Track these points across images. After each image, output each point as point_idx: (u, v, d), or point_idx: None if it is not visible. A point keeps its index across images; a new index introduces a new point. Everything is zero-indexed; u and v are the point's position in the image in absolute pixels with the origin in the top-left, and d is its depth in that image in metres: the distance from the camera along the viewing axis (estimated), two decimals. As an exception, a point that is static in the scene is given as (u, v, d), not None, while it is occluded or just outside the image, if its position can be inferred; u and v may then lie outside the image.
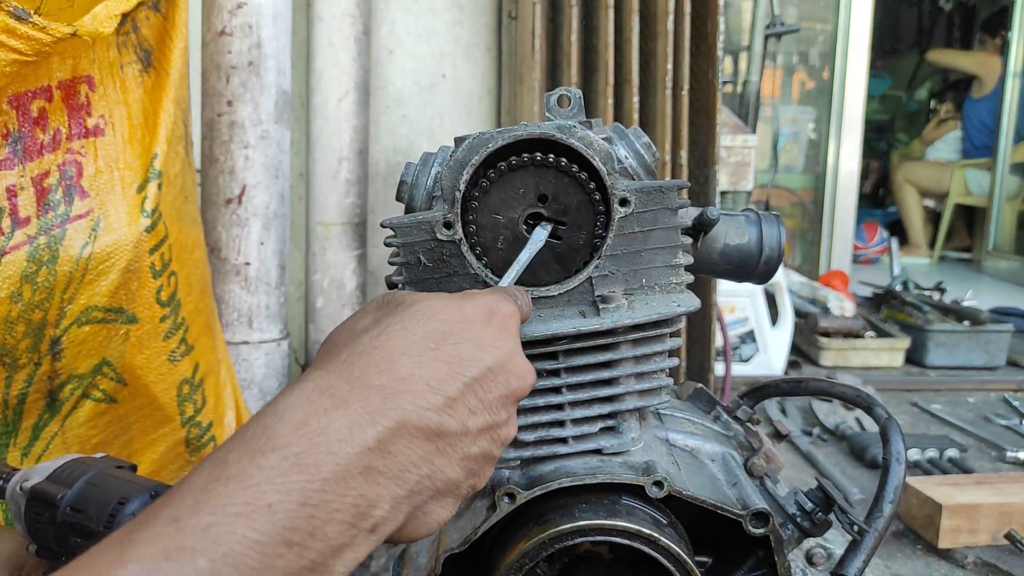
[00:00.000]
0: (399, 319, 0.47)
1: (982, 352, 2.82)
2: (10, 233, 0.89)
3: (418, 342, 0.46)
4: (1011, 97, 4.78)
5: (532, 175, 0.65)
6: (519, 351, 0.51)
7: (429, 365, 0.45)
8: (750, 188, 2.41)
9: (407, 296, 0.50)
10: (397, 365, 0.44)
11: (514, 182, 0.65)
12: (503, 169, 0.65)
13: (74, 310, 0.98)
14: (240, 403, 1.45)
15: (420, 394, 0.44)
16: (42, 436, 1.04)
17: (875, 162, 6.59)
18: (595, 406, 0.70)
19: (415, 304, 0.49)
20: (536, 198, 0.66)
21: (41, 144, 0.91)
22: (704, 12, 1.84)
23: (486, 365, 0.48)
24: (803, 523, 0.77)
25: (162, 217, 1.09)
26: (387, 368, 0.44)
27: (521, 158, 0.64)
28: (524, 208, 0.66)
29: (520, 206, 0.66)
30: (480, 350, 0.48)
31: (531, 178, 0.65)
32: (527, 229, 0.66)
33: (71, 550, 0.71)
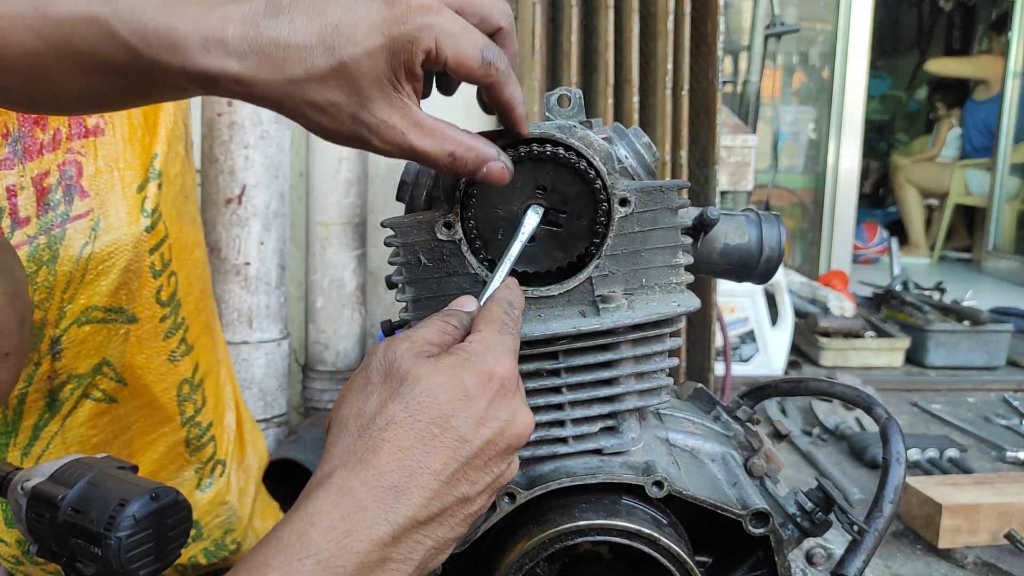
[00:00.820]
0: (404, 406, 0.51)
1: (982, 352, 2.82)
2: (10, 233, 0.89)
3: (424, 430, 0.50)
4: (1011, 97, 4.78)
5: (530, 168, 0.65)
6: (519, 407, 0.55)
7: (434, 454, 0.50)
8: (750, 188, 2.41)
9: (410, 371, 0.52)
10: (407, 459, 0.50)
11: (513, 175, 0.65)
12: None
13: (74, 310, 0.98)
14: (240, 403, 1.45)
15: (426, 486, 0.50)
16: (42, 436, 1.04)
17: (875, 162, 6.59)
18: (595, 406, 0.70)
19: (417, 384, 0.52)
20: (535, 189, 0.66)
21: (41, 144, 0.91)
22: (704, 12, 1.84)
23: (485, 439, 0.52)
24: (803, 523, 0.77)
25: (162, 217, 1.09)
26: (397, 464, 0.50)
27: (518, 152, 0.64)
28: (523, 200, 0.66)
29: (519, 198, 0.66)
30: (479, 426, 0.52)
31: (529, 171, 0.65)
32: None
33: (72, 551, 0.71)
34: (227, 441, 1.34)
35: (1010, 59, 4.80)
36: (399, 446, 0.50)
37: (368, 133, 0.54)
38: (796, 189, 4.42)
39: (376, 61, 0.52)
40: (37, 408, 1.01)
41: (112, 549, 0.69)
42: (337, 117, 0.54)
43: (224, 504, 1.32)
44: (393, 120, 0.54)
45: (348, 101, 0.53)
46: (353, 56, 0.51)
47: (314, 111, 0.54)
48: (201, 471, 1.28)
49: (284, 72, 0.52)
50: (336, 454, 0.51)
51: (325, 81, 0.52)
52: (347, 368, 2.09)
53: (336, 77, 0.52)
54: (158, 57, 0.51)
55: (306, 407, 2.11)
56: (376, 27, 0.52)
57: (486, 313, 0.58)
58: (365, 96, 0.53)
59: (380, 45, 0.52)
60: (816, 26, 4.38)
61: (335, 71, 0.52)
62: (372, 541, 0.47)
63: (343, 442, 0.52)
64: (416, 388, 0.51)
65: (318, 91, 0.53)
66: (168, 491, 0.73)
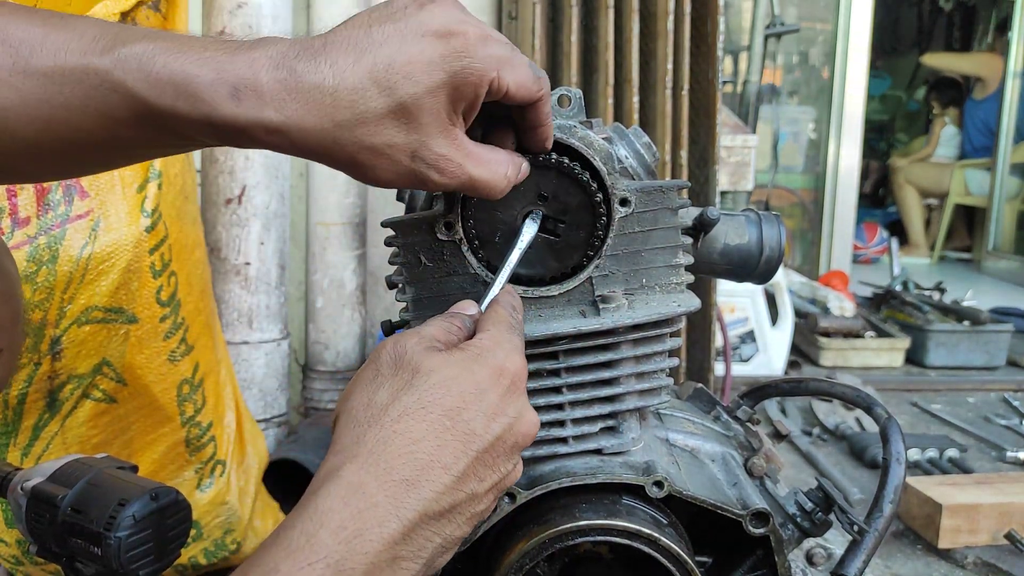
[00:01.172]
0: (417, 398, 0.50)
1: (982, 352, 2.82)
2: (10, 233, 0.89)
3: (436, 422, 0.50)
4: (1011, 97, 4.78)
5: (533, 175, 0.65)
6: (526, 405, 0.55)
7: (446, 447, 0.50)
8: (750, 188, 2.41)
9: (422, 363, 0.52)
10: (418, 451, 0.49)
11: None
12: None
13: (74, 310, 0.98)
14: (240, 403, 1.45)
15: (437, 480, 0.49)
16: (42, 436, 1.04)
17: (875, 162, 6.59)
18: (595, 406, 0.70)
19: (430, 376, 0.51)
20: (536, 197, 0.66)
21: (41, 144, 0.91)
22: (704, 12, 1.84)
23: (495, 435, 0.52)
24: (803, 523, 0.77)
25: (162, 217, 1.09)
26: (410, 459, 0.49)
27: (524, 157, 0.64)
28: (523, 206, 0.66)
29: (519, 204, 0.66)
30: (491, 420, 0.51)
31: (532, 178, 0.65)
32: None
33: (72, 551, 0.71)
34: (227, 441, 1.34)
35: (1010, 59, 4.80)
36: (411, 438, 0.49)
37: (427, 170, 0.53)
38: (796, 189, 4.42)
39: (437, 98, 0.51)
40: (37, 408, 1.01)
41: (112, 549, 0.69)
42: (394, 158, 0.52)
43: (224, 504, 1.32)
44: (452, 155, 0.53)
45: (407, 140, 0.51)
46: (414, 95, 0.50)
47: (369, 155, 0.51)
48: (201, 471, 1.28)
49: (333, 118, 0.49)
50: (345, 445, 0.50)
51: (382, 123, 0.50)
52: (347, 368, 2.09)
53: (394, 117, 0.50)
54: (174, 108, 0.48)
55: (306, 407, 2.11)
56: (435, 63, 0.50)
57: (492, 314, 0.58)
58: (425, 133, 0.52)
59: (442, 81, 0.51)
60: (816, 26, 4.38)
61: (393, 112, 0.50)
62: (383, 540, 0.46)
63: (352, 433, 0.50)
64: (429, 380, 0.51)
65: (374, 134, 0.51)
66: (168, 491, 0.74)
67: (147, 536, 0.71)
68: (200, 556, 1.33)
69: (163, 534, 0.73)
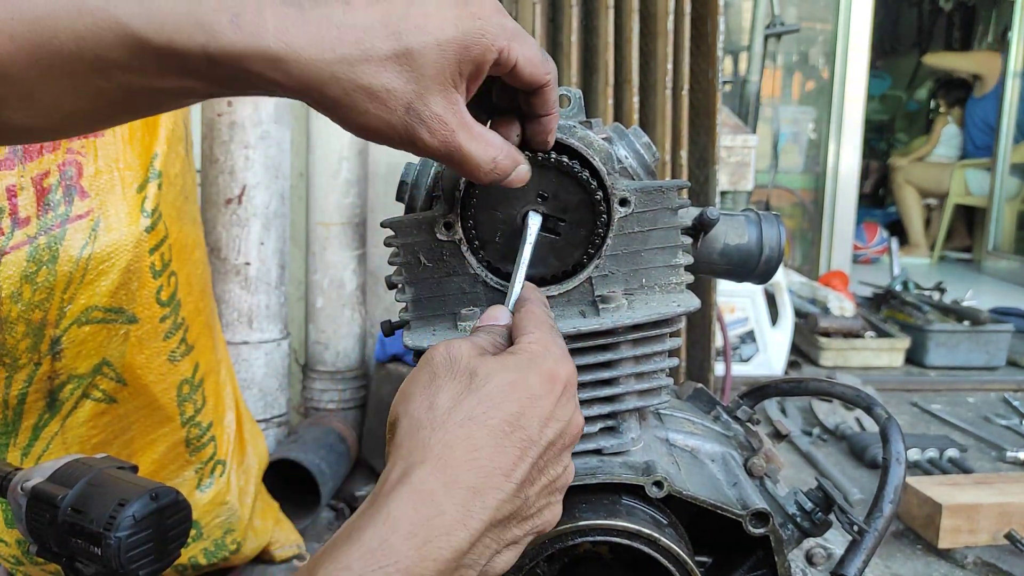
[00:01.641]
0: (479, 402, 0.51)
1: (982, 352, 2.82)
2: (10, 233, 0.89)
3: (497, 428, 0.50)
4: (1011, 97, 4.78)
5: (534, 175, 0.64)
6: (576, 408, 0.55)
7: (506, 453, 0.50)
8: (750, 188, 2.41)
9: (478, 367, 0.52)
10: (481, 458, 0.49)
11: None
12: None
13: (74, 310, 0.98)
14: (240, 403, 1.45)
15: (500, 488, 0.49)
16: (42, 436, 1.04)
17: (875, 162, 6.60)
18: (595, 406, 0.70)
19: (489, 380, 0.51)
20: (536, 196, 0.66)
21: (41, 144, 0.91)
22: (704, 12, 1.84)
23: (548, 440, 0.52)
24: (803, 523, 0.77)
25: (162, 217, 1.09)
26: (474, 466, 0.49)
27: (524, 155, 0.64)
28: (523, 205, 0.66)
29: (520, 203, 0.66)
30: (545, 426, 0.52)
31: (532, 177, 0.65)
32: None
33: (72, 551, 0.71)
34: (227, 441, 1.34)
35: (1010, 59, 4.80)
36: (473, 444, 0.49)
37: (419, 126, 0.52)
38: (796, 189, 4.42)
39: (444, 53, 0.50)
40: (37, 408, 1.01)
41: (112, 549, 0.69)
42: (389, 105, 0.50)
43: (224, 504, 1.32)
44: (447, 117, 0.52)
45: (405, 89, 0.50)
46: (422, 43, 0.49)
47: (363, 96, 0.50)
48: (201, 471, 1.28)
49: (335, 51, 0.48)
50: (411, 450, 0.50)
51: (384, 65, 0.49)
52: (347, 368, 2.09)
53: (398, 63, 0.49)
54: (172, 41, 0.47)
55: (306, 407, 2.11)
56: (449, 20, 0.50)
57: (531, 316, 0.58)
58: (424, 87, 0.51)
59: (452, 38, 0.50)
60: (816, 26, 4.38)
61: (398, 56, 0.49)
62: (451, 548, 0.47)
63: (417, 437, 0.50)
64: (489, 384, 0.51)
65: (374, 74, 0.49)
66: (168, 491, 0.74)
67: (147, 536, 0.71)
68: (200, 556, 1.33)
69: (163, 534, 0.73)
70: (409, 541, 0.46)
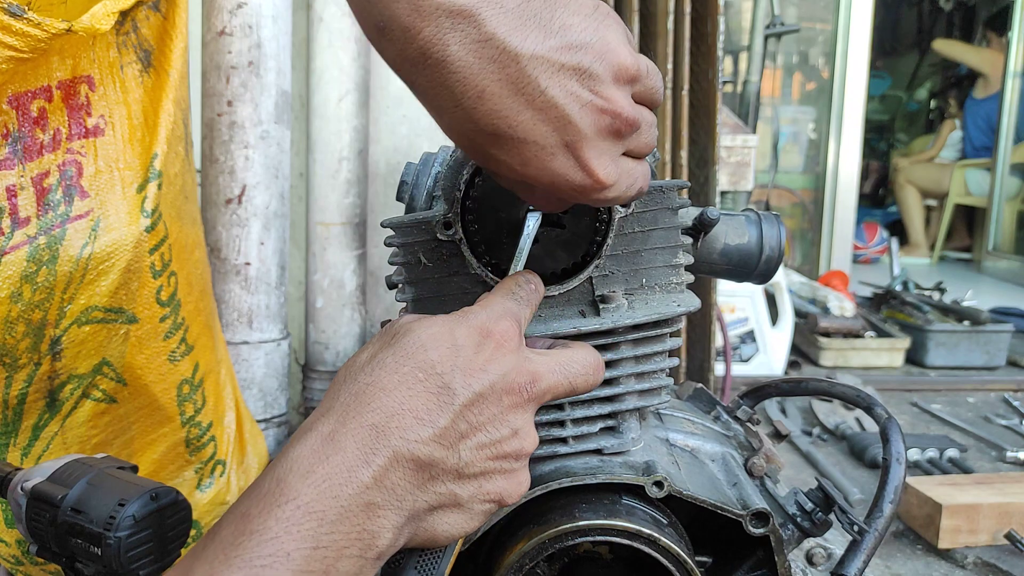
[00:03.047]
0: (392, 353, 0.50)
1: (982, 352, 2.82)
2: (10, 233, 0.89)
3: (408, 374, 0.49)
4: (1011, 97, 4.78)
5: None
6: (518, 366, 0.52)
7: (418, 397, 0.48)
8: (750, 188, 2.41)
9: (404, 325, 0.52)
10: (389, 400, 0.48)
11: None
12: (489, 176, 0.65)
13: (74, 310, 0.98)
14: (240, 403, 1.45)
15: (409, 428, 0.47)
16: (42, 436, 1.04)
17: (875, 162, 6.59)
18: (595, 406, 0.70)
19: (408, 334, 0.51)
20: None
21: (41, 144, 0.91)
22: (704, 12, 1.84)
23: (475, 391, 0.50)
24: (803, 523, 0.77)
25: (162, 217, 1.09)
26: (379, 405, 0.48)
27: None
28: (524, 205, 0.66)
29: (521, 202, 0.66)
30: (469, 377, 0.50)
31: None
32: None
33: (71, 551, 0.71)
34: (227, 441, 1.34)
35: (1010, 59, 4.80)
36: (381, 387, 0.48)
37: (572, 164, 0.51)
38: (796, 189, 4.42)
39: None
40: (37, 408, 1.01)
41: (112, 549, 0.69)
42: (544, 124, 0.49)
43: (224, 504, 1.32)
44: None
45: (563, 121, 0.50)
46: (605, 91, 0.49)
47: (517, 97, 0.48)
48: (201, 471, 1.28)
49: (528, 36, 0.47)
50: (323, 407, 0.50)
51: (565, 74, 0.48)
52: (347, 368, 2.09)
53: (578, 81, 0.49)
54: None
55: (306, 407, 2.11)
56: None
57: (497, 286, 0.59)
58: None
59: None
60: (816, 26, 4.38)
61: (581, 72, 0.49)
62: (352, 484, 0.45)
63: (330, 393, 0.51)
64: (407, 337, 0.51)
65: (550, 78, 0.48)
66: (168, 491, 0.73)
67: (147, 536, 0.71)
68: (200, 556, 1.33)
69: (163, 534, 0.73)
70: (306, 479, 0.45)
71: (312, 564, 0.43)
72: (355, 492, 0.45)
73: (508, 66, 0.47)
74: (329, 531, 0.44)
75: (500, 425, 0.51)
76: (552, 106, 0.49)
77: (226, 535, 0.44)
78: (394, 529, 0.47)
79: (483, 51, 0.47)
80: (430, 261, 0.67)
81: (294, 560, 0.42)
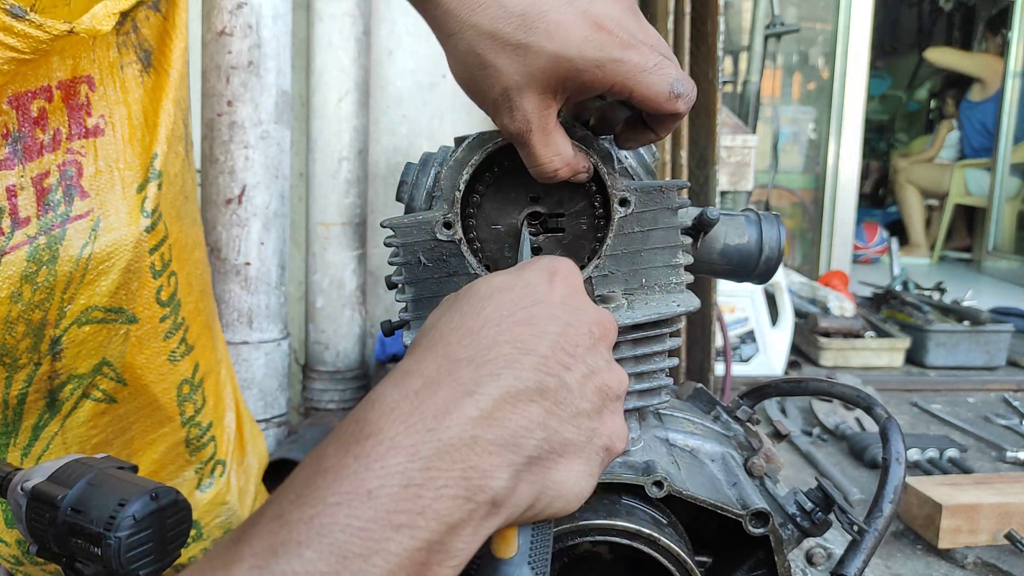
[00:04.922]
0: (467, 300, 0.48)
1: (982, 352, 2.82)
2: (10, 233, 0.89)
3: (493, 313, 0.46)
4: (1011, 97, 4.78)
5: (519, 178, 0.65)
6: (589, 302, 0.51)
7: (510, 330, 0.45)
8: (750, 188, 2.40)
9: (466, 286, 0.51)
10: (479, 337, 0.44)
11: (503, 189, 0.66)
12: (489, 180, 0.65)
13: (74, 310, 0.98)
14: (240, 403, 1.45)
15: (512, 357, 0.43)
16: (42, 436, 1.04)
17: (875, 162, 6.59)
18: (595, 406, 0.70)
19: (476, 286, 0.49)
20: (528, 199, 0.66)
21: (41, 144, 0.91)
22: (704, 12, 1.84)
23: (564, 321, 0.47)
24: (803, 523, 0.77)
25: (162, 217, 1.09)
26: (469, 343, 0.44)
27: (503, 165, 0.64)
28: (520, 211, 0.66)
29: (515, 210, 0.66)
30: (553, 308, 0.47)
31: (519, 181, 0.65)
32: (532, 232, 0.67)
33: (72, 551, 0.71)
34: (227, 441, 1.34)
35: (1010, 59, 4.80)
36: (466, 329, 0.45)
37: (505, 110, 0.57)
38: (796, 189, 4.42)
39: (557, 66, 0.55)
40: (37, 408, 1.01)
41: (112, 549, 0.69)
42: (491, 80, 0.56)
43: (224, 504, 1.32)
44: (531, 115, 0.57)
45: (509, 74, 0.55)
46: (540, 47, 0.54)
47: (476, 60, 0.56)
48: (201, 471, 1.28)
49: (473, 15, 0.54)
50: (403, 360, 0.46)
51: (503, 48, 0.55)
52: (347, 368, 2.09)
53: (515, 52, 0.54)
54: None
55: (306, 407, 2.11)
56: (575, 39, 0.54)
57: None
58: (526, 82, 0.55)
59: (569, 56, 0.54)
60: (816, 26, 4.38)
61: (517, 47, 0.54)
62: (451, 416, 0.40)
63: (409, 351, 0.47)
64: (477, 288, 0.49)
65: (491, 50, 0.55)
66: (168, 491, 0.73)
67: (147, 536, 0.71)
68: (200, 556, 1.33)
69: (163, 534, 0.73)
70: (391, 414, 0.40)
71: (402, 504, 0.37)
72: (457, 425, 0.40)
73: None
74: (424, 467, 0.38)
75: (595, 355, 0.48)
76: None
77: (300, 477, 0.39)
78: (511, 469, 0.41)
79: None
80: (430, 261, 0.67)
81: (378, 499, 0.37)
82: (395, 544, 0.36)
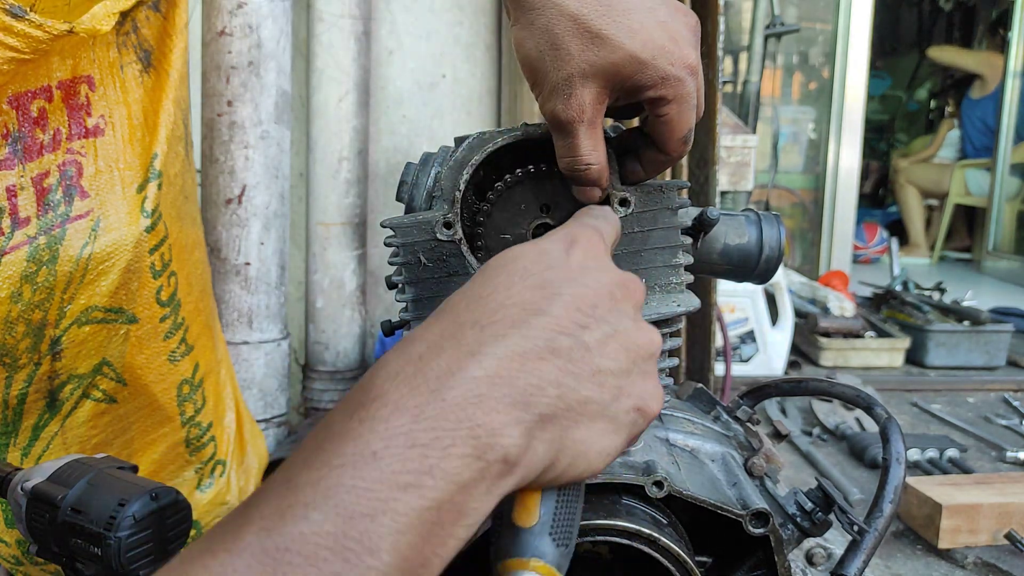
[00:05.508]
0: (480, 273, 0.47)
1: (982, 352, 2.82)
2: (10, 233, 0.89)
3: (503, 281, 0.44)
4: (1011, 97, 4.78)
5: (530, 188, 0.65)
6: (613, 267, 0.49)
7: (520, 294, 0.43)
8: (750, 188, 2.41)
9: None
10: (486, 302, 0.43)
11: (514, 199, 0.66)
12: (500, 189, 0.65)
13: (74, 310, 0.98)
14: (240, 403, 1.45)
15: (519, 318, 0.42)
16: (42, 436, 1.04)
17: (875, 162, 6.59)
18: (595, 406, 0.69)
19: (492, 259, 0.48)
20: (539, 209, 0.66)
21: (41, 144, 0.91)
22: (704, 12, 1.84)
23: (581, 283, 0.45)
24: (803, 523, 0.76)
25: (162, 217, 1.09)
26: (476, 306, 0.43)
27: (516, 174, 0.64)
28: (530, 221, 0.66)
29: (525, 220, 0.66)
30: (570, 272, 0.46)
31: (530, 191, 0.65)
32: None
33: (72, 551, 0.71)
34: (227, 441, 1.34)
35: (1010, 58, 4.80)
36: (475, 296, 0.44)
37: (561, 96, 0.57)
38: (796, 189, 4.42)
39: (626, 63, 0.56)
40: (37, 408, 1.01)
41: (112, 549, 0.69)
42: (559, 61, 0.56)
43: (224, 504, 1.32)
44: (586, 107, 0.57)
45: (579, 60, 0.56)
46: (618, 42, 0.55)
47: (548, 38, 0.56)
48: (201, 471, 1.28)
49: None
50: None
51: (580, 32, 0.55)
52: (347, 368, 2.09)
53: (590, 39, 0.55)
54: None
55: (306, 407, 2.11)
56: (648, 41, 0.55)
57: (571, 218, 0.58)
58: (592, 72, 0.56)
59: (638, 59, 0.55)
60: (816, 26, 4.38)
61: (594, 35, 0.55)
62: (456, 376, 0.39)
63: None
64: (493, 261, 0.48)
65: (569, 32, 0.55)
66: (168, 491, 0.73)
67: (147, 536, 0.71)
68: (200, 556, 1.32)
69: (163, 534, 0.73)
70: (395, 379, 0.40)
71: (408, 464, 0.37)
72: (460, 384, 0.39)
73: None
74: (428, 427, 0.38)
75: (619, 315, 0.46)
76: None
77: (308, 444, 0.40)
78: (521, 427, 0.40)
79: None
80: (430, 261, 0.67)
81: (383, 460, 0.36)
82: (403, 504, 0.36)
